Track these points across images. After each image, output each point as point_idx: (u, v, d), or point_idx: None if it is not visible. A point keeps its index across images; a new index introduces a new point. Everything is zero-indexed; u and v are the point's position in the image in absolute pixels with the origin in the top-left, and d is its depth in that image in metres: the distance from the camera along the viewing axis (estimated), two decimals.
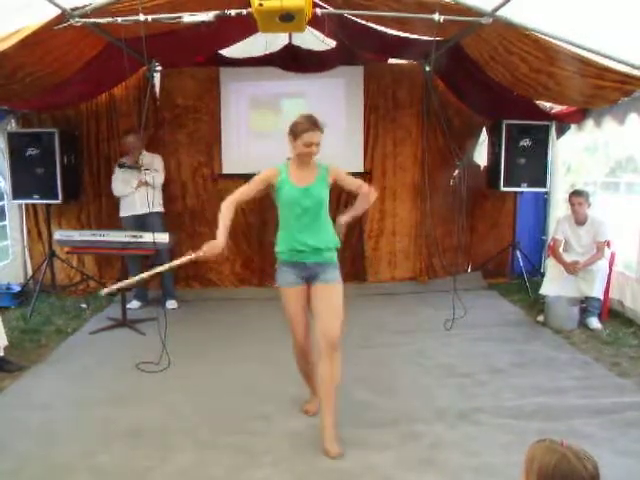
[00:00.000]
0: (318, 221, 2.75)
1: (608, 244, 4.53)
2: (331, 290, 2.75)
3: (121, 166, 4.98)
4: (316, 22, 3.97)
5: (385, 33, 4.59)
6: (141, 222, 4.94)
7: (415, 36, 4.44)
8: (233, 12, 3.39)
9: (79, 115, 5.62)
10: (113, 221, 5.62)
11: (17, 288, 5.21)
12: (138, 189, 4.97)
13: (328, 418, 2.67)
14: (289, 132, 2.75)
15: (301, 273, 2.78)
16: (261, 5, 2.99)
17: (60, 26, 3.31)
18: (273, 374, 3.56)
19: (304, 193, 2.71)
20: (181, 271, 5.77)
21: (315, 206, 2.73)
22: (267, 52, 5.46)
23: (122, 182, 5.02)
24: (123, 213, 5.13)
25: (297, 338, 2.84)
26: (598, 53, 3.49)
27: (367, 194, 2.88)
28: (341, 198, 5.08)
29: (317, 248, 2.73)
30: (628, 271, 4.58)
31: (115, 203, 5.64)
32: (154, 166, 5.07)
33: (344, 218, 2.87)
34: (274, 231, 2.92)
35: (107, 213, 5.71)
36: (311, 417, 2.97)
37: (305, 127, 2.70)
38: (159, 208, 5.16)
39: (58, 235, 4.55)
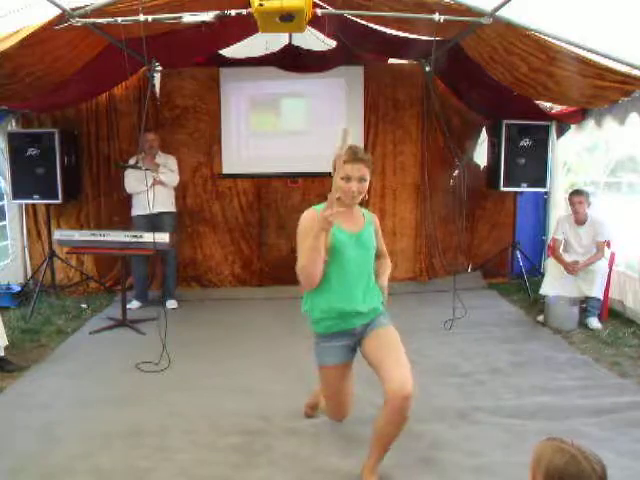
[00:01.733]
0: (364, 275, 2.33)
1: (608, 244, 4.53)
2: (389, 333, 2.32)
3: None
4: (316, 22, 3.97)
5: (385, 33, 4.59)
6: (153, 221, 4.91)
7: (415, 36, 4.44)
8: (233, 12, 3.40)
9: (79, 115, 5.62)
10: (113, 221, 5.63)
11: (17, 288, 5.21)
12: (152, 188, 4.95)
13: (373, 461, 2.30)
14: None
15: (349, 342, 2.36)
16: (261, 5, 3.00)
17: (60, 26, 3.32)
18: (273, 374, 3.56)
19: (356, 240, 2.29)
20: (181, 271, 5.79)
21: (366, 255, 2.32)
22: (267, 52, 5.46)
23: (135, 180, 5.01)
24: (135, 212, 5.11)
25: (336, 417, 2.58)
26: (598, 53, 3.49)
27: (389, 263, 2.54)
28: None
29: (369, 309, 2.33)
30: (630, 271, 4.57)
31: (115, 203, 5.67)
32: (169, 166, 5.09)
33: (385, 283, 2.45)
34: (273, 231, 2.89)
35: (107, 213, 5.72)
36: (310, 417, 2.96)
37: (345, 157, 2.16)
38: (172, 208, 5.18)
39: (58, 235, 4.55)
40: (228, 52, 5.50)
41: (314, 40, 4.99)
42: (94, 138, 5.68)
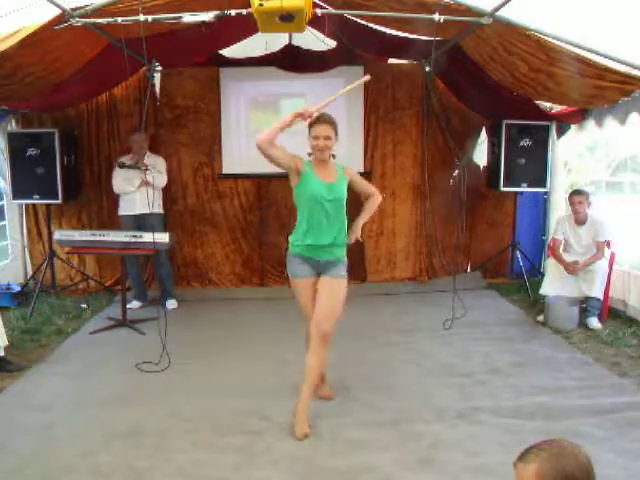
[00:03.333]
0: (338, 218, 2.89)
1: (608, 244, 4.53)
2: (333, 284, 2.90)
3: (121, 166, 4.97)
4: (316, 22, 3.96)
5: (385, 33, 4.59)
6: (140, 222, 4.93)
7: (415, 36, 4.44)
8: (233, 12, 3.40)
9: (79, 115, 5.62)
10: (113, 221, 5.63)
11: (17, 288, 5.22)
12: (139, 189, 4.96)
13: (304, 402, 2.85)
14: None
15: (313, 266, 2.93)
16: (261, 5, 3.00)
17: (60, 26, 3.31)
18: (273, 374, 3.57)
19: (328, 189, 2.85)
20: (182, 271, 5.79)
21: (338, 202, 2.88)
22: (267, 52, 5.46)
23: (123, 180, 5.01)
24: (122, 212, 5.12)
25: (309, 324, 2.98)
26: (598, 53, 3.49)
27: (377, 197, 3.09)
28: None
29: (332, 245, 2.88)
30: (635, 270, 4.55)
31: (115, 202, 5.66)
32: (157, 167, 5.07)
33: (361, 220, 3.04)
34: (274, 231, 2.97)
35: (108, 213, 5.71)
36: (311, 417, 2.95)
37: (313, 121, 2.85)
38: (159, 209, 5.16)
39: (58, 235, 4.55)
40: (228, 52, 5.51)
41: (314, 40, 4.98)
42: (94, 138, 5.68)
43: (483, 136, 5.91)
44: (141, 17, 3.28)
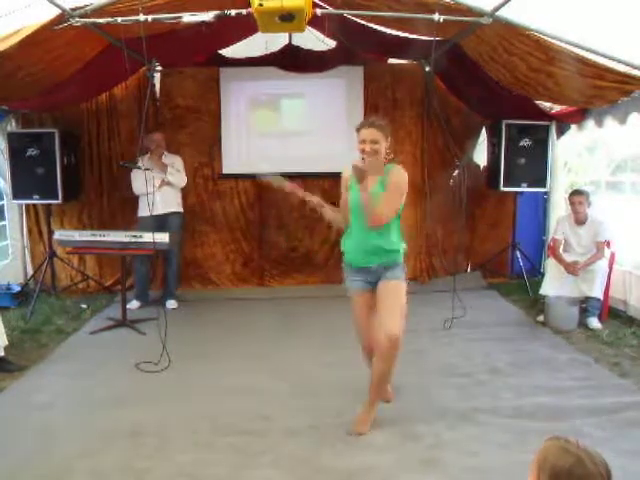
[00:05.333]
0: (380, 226, 2.74)
1: (608, 244, 4.52)
2: (390, 287, 2.81)
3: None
4: (316, 22, 3.97)
5: (385, 33, 4.59)
6: (161, 222, 4.88)
7: (415, 36, 4.44)
8: (233, 12, 3.39)
9: (79, 115, 5.61)
10: (114, 221, 5.64)
11: (17, 288, 5.21)
12: (160, 189, 4.94)
13: (371, 407, 2.84)
14: None
15: (367, 277, 2.84)
16: (261, 5, 3.00)
17: (60, 26, 3.32)
18: (273, 374, 3.56)
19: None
20: (182, 271, 5.78)
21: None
22: (267, 52, 5.46)
23: (143, 181, 4.99)
24: (142, 213, 5.04)
25: (363, 343, 2.97)
26: (598, 53, 3.49)
27: (373, 216, 2.74)
28: None
29: (381, 250, 2.77)
30: (637, 270, 4.55)
31: (116, 202, 5.66)
32: (175, 166, 5.08)
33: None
34: (274, 230, 2.96)
35: (108, 213, 5.72)
36: (311, 417, 2.96)
37: (359, 126, 2.76)
38: (179, 208, 5.18)
39: (58, 235, 4.55)
40: (228, 52, 5.51)
41: (314, 40, 4.99)
42: (94, 138, 5.67)
43: (483, 136, 5.91)
44: (141, 17, 3.28)
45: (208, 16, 3.35)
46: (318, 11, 3.52)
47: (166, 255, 5.20)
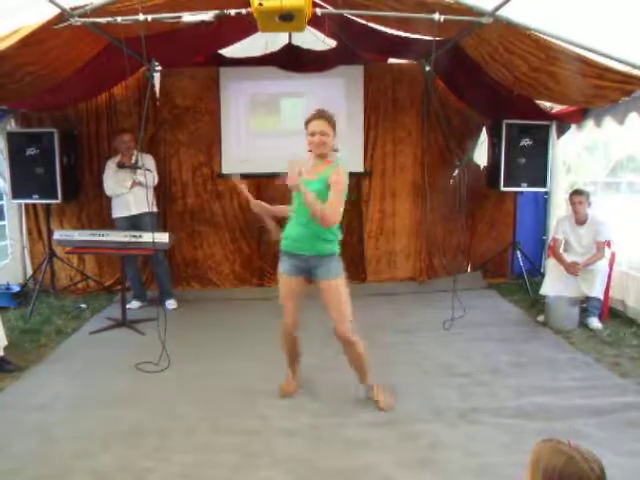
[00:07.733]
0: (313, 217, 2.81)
1: (608, 244, 4.52)
2: (332, 289, 2.89)
3: (121, 167, 4.96)
4: (316, 22, 3.96)
5: (385, 33, 4.58)
6: (135, 223, 4.92)
7: (415, 36, 4.44)
8: (233, 12, 3.39)
9: (79, 115, 5.61)
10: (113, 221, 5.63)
11: (16, 288, 5.21)
12: (131, 189, 4.94)
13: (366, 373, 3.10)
14: None
15: (299, 264, 2.92)
16: (261, 5, 2.99)
17: (60, 26, 3.31)
18: (273, 374, 3.55)
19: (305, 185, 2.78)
20: (182, 271, 5.78)
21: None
22: (267, 52, 5.46)
23: (115, 182, 5.00)
24: (116, 214, 5.08)
25: (285, 320, 3.06)
26: (598, 53, 3.49)
27: (324, 207, 2.75)
28: None
29: (316, 239, 2.84)
30: (633, 271, 4.55)
31: None
32: (146, 166, 5.06)
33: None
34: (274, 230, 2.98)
35: (108, 213, 5.69)
36: (308, 415, 2.97)
37: (309, 117, 2.90)
38: (153, 208, 5.13)
39: (57, 235, 4.55)
40: (228, 52, 5.50)
41: (314, 40, 4.98)
42: (94, 138, 5.66)
43: (483, 136, 5.90)
44: (141, 17, 3.27)
45: (208, 16, 3.35)
46: (318, 11, 3.51)
47: (151, 256, 5.09)
